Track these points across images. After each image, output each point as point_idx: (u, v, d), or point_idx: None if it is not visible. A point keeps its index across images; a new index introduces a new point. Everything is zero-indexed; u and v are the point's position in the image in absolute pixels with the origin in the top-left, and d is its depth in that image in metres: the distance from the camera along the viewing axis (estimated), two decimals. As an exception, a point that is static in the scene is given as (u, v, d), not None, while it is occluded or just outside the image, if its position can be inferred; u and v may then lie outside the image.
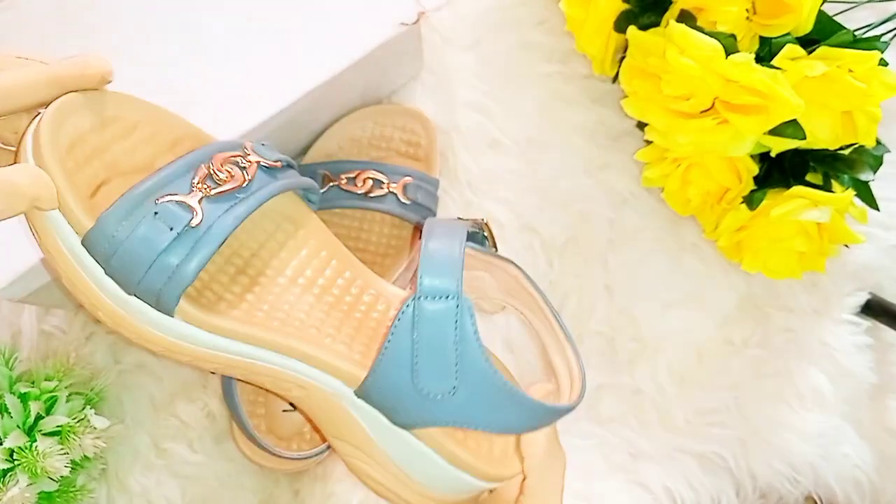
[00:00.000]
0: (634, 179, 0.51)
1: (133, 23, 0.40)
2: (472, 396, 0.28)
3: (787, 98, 0.38)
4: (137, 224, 0.26)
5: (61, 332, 0.47)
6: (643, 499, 0.49)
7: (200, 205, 0.27)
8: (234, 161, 0.29)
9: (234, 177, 0.29)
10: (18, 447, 0.38)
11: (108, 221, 0.26)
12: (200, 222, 0.27)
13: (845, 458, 0.50)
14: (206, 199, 0.28)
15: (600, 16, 0.46)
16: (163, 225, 0.26)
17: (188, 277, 0.27)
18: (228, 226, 0.27)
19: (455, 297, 0.28)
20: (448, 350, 0.28)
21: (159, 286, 0.27)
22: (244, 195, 0.29)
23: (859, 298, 0.51)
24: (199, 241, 0.27)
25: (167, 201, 0.27)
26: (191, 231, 0.27)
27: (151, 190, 0.27)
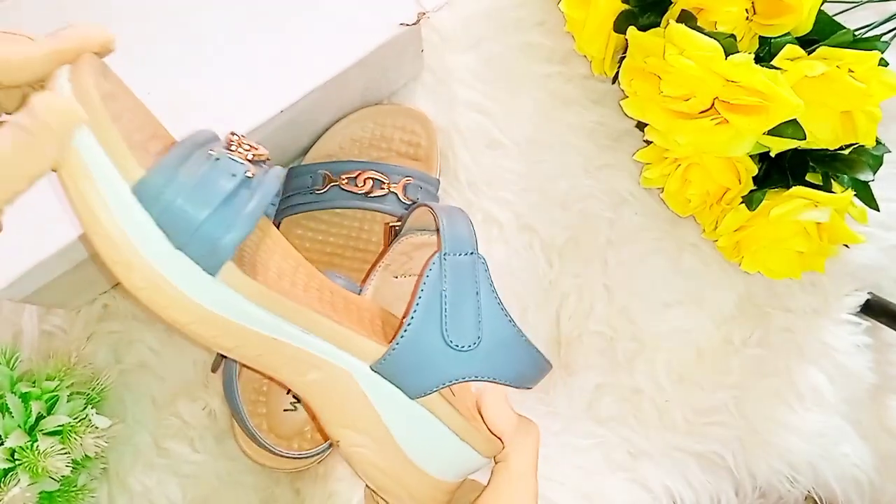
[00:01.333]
0: (634, 179, 0.51)
1: (133, 23, 0.40)
2: (492, 346, 0.31)
3: (787, 98, 0.38)
4: (199, 168, 0.26)
5: (62, 332, 0.47)
6: (643, 498, 0.49)
7: (247, 162, 0.28)
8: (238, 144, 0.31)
9: (259, 149, 0.30)
10: (20, 447, 0.38)
11: (168, 165, 0.26)
12: (253, 175, 0.27)
13: (845, 458, 0.51)
14: (248, 160, 0.28)
15: (600, 16, 0.46)
16: (224, 171, 0.26)
17: (248, 226, 0.26)
18: (274, 183, 0.28)
19: (474, 252, 0.32)
20: (470, 300, 0.31)
21: (219, 235, 0.26)
22: (267, 167, 0.30)
23: (859, 298, 0.51)
24: (256, 190, 0.27)
25: (225, 152, 0.27)
26: (248, 181, 0.27)
27: (202, 142, 0.27)
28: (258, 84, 0.39)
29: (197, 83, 0.39)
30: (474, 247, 0.32)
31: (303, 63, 0.40)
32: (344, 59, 0.40)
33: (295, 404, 0.44)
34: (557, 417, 0.49)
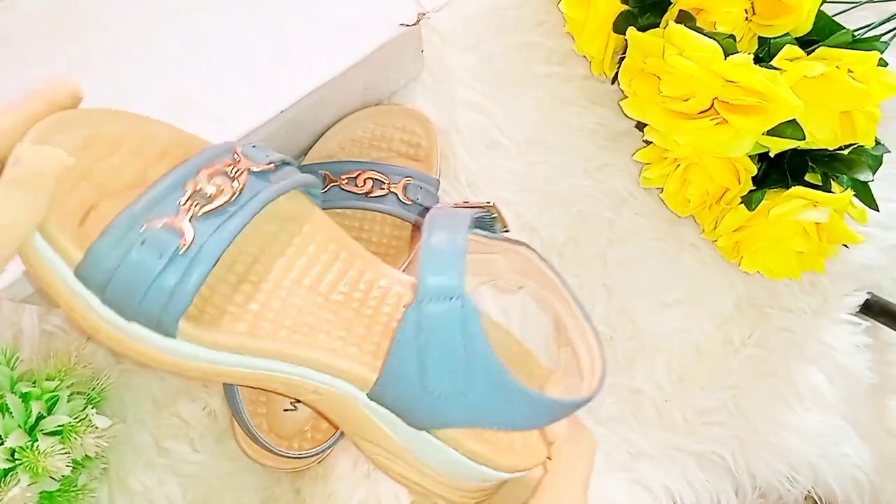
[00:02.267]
0: (634, 179, 0.51)
1: (133, 23, 0.40)
2: (483, 397, 0.28)
3: (786, 98, 0.38)
4: (127, 253, 0.26)
5: (63, 332, 0.47)
6: (643, 498, 0.49)
7: (192, 224, 0.26)
8: (223, 172, 0.28)
9: (223, 190, 0.28)
10: (20, 447, 0.38)
11: (98, 252, 0.26)
12: (191, 244, 0.26)
13: (844, 458, 0.51)
14: (196, 218, 0.27)
15: (600, 17, 0.46)
16: (153, 251, 0.26)
17: (185, 301, 0.26)
18: (222, 243, 0.27)
19: (458, 297, 0.27)
20: (456, 353, 0.27)
21: (157, 311, 0.26)
22: (236, 207, 0.28)
23: (858, 298, 0.51)
24: (191, 263, 0.26)
25: (155, 227, 0.26)
26: (177, 257, 0.26)
27: (138, 215, 0.26)
28: (258, 84, 0.39)
29: (197, 83, 0.39)
30: (461, 281, 0.27)
31: (303, 63, 0.40)
32: (344, 59, 0.40)
33: (295, 404, 0.44)
34: (557, 417, 0.49)
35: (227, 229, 0.27)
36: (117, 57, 0.39)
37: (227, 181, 0.28)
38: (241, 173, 0.29)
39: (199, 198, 0.27)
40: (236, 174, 0.29)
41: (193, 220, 0.27)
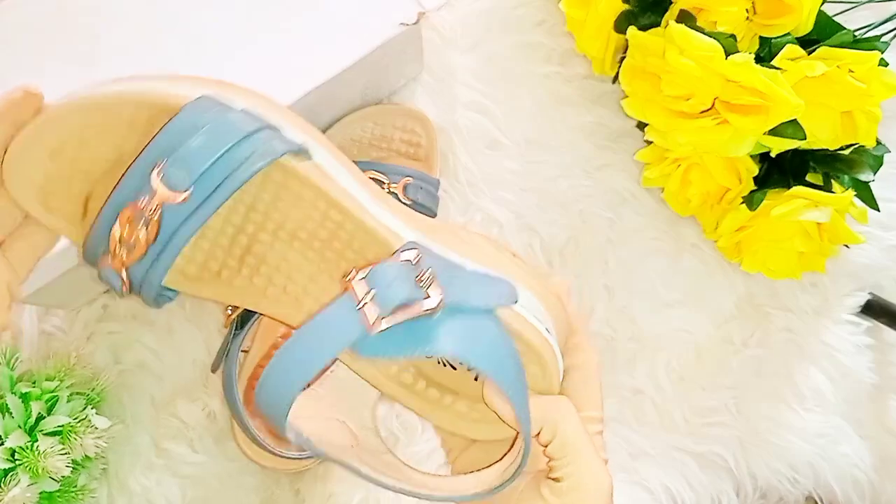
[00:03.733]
0: (634, 179, 0.51)
1: (133, 23, 0.40)
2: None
3: (787, 98, 0.38)
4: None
5: (62, 333, 0.47)
6: (643, 498, 0.49)
7: (126, 271, 0.28)
8: (140, 214, 0.28)
9: (138, 240, 0.28)
10: (20, 447, 0.38)
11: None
12: (130, 286, 0.28)
13: (845, 458, 0.51)
14: (127, 267, 0.28)
15: (600, 16, 0.46)
16: (112, 281, 0.29)
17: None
18: (154, 282, 0.28)
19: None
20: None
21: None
22: (160, 248, 0.28)
23: (859, 298, 0.51)
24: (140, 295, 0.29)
25: (104, 267, 0.28)
26: (127, 293, 0.29)
27: (93, 247, 0.29)
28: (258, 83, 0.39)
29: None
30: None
31: (303, 63, 0.40)
32: (344, 59, 0.40)
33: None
34: (557, 418, 0.49)
35: (155, 273, 0.28)
36: (117, 57, 0.39)
37: (143, 227, 0.28)
38: (156, 211, 0.28)
39: (123, 248, 0.28)
40: (150, 215, 0.28)
41: (127, 268, 0.28)
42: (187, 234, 0.28)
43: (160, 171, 0.27)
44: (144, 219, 0.27)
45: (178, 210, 0.27)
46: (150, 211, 0.27)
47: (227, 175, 0.27)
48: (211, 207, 0.28)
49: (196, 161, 0.27)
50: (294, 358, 0.27)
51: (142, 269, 0.28)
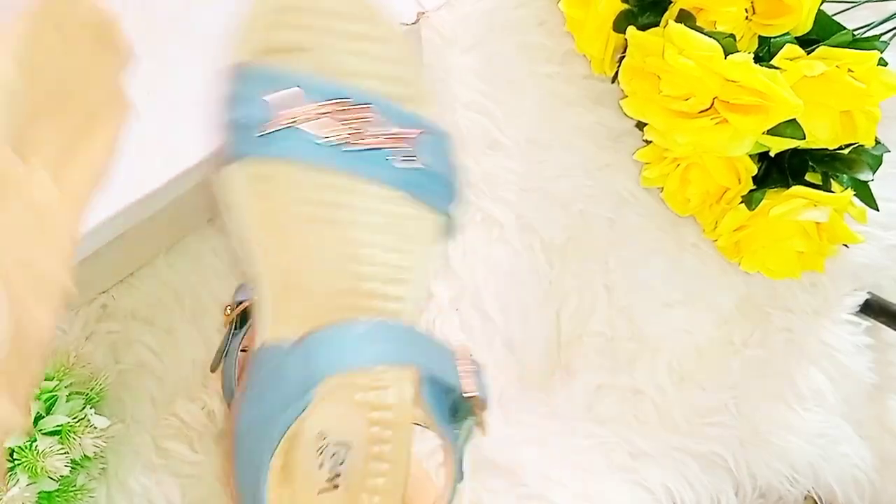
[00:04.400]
0: (634, 179, 0.51)
1: (133, 23, 0.40)
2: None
3: (786, 98, 0.38)
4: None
5: (61, 332, 0.47)
6: (643, 498, 0.49)
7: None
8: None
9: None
10: (18, 446, 0.38)
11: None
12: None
13: (845, 458, 0.50)
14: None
15: (600, 16, 0.46)
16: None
17: None
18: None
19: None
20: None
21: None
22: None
23: (858, 298, 0.51)
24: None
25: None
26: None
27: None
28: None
29: (196, 83, 0.39)
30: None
31: (303, 63, 0.40)
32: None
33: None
34: (558, 418, 0.49)
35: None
36: (117, 56, 0.39)
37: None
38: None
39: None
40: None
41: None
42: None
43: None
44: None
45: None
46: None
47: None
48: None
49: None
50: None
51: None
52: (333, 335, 0.30)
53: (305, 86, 0.31)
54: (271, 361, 0.31)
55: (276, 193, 0.33)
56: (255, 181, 0.32)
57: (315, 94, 0.31)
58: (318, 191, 0.33)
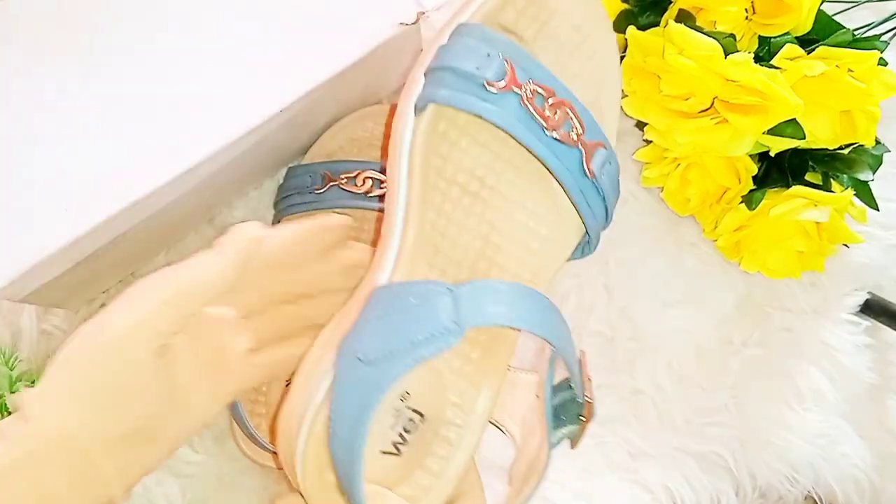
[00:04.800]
0: (634, 179, 0.51)
1: (133, 23, 0.40)
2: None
3: (786, 98, 0.38)
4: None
5: (61, 332, 0.47)
6: (643, 498, 0.49)
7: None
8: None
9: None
10: (19, 446, 0.38)
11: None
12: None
13: (845, 458, 0.50)
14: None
15: (600, 16, 0.46)
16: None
17: None
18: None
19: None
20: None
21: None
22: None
23: (858, 298, 0.51)
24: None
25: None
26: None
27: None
28: (257, 83, 0.39)
29: (196, 82, 0.39)
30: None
31: (303, 63, 0.40)
32: (343, 59, 0.40)
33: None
34: (557, 417, 0.49)
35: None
36: (117, 57, 0.39)
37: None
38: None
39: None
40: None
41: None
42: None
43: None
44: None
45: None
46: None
47: None
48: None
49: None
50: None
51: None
52: (488, 287, 0.31)
53: (532, 68, 0.33)
54: (410, 297, 0.31)
55: (453, 156, 0.34)
56: (440, 135, 0.34)
57: (538, 77, 0.33)
58: (488, 171, 0.35)
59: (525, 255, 0.35)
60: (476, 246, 0.34)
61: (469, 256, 0.34)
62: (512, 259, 0.35)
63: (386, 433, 0.33)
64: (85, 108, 0.38)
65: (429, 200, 0.34)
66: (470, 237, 0.34)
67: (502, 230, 0.35)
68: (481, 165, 0.35)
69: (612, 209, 0.36)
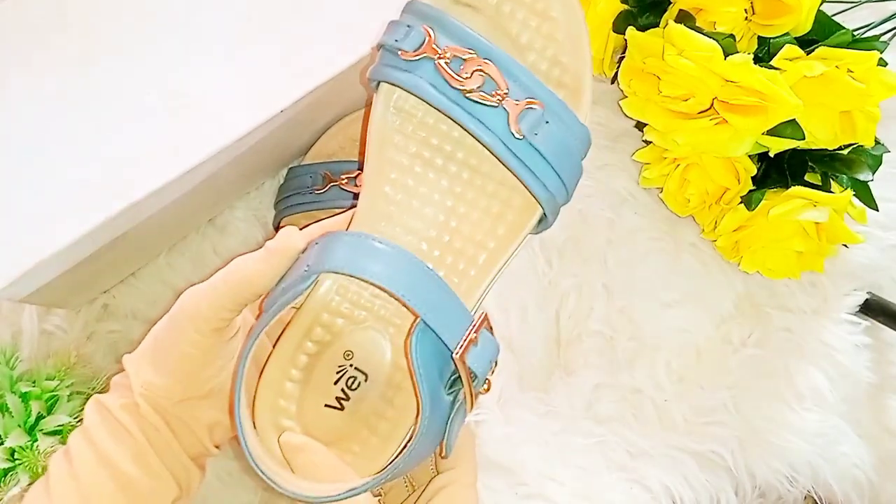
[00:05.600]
0: (633, 179, 0.51)
1: (133, 23, 0.40)
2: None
3: (786, 98, 0.38)
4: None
5: (62, 332, 0.47)
6: (642, 498, 0.49)
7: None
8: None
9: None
10: (20, 446, 0.38)
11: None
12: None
13: (844, 458, 0.51)
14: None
15: (599, 16, 0.46)
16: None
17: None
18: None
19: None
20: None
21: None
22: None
23: (858, 298, 0.51)
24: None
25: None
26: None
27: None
28: (258, 83, 0.39)
29: (196, 82, 0.39)
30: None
31: (303, 63, 0.40)
32: (343, 59, 0.40)
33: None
34: (557, 417, 0.49)
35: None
36: (117, 57, 0.39)
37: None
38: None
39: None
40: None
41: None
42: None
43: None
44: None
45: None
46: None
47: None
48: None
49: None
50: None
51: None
52: (354, 240, 0.31)
53: (462, 36, 0.32)
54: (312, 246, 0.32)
55: (407, 128, 0.34)
56: (393, 111, 0.34)
57: (460, 42, 0.32)
58: (442, 138, 0.34)
59: (467, 247, 0.34)
60: (439, 219, 0.34)
61: (429, 228, 0.34)
62: (476, 232, 0.34)
63: (329, 388, 0.34)
64: (85, 108, 0.38)
65: (384, 175, 0.34)
66: (432, 210, 0.34)
67: (451, 213, 0.34)
68: (440, 137, 0.35)
69: (567, 174, 0.33)
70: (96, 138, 0.38)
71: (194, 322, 0.32)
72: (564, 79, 0.33)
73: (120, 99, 0.38)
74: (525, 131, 0.31)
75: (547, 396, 0.49)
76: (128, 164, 0.38)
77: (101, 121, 0.38)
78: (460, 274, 0.34)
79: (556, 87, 0.33)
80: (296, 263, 0.32)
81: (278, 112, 0.39)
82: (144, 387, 0.32)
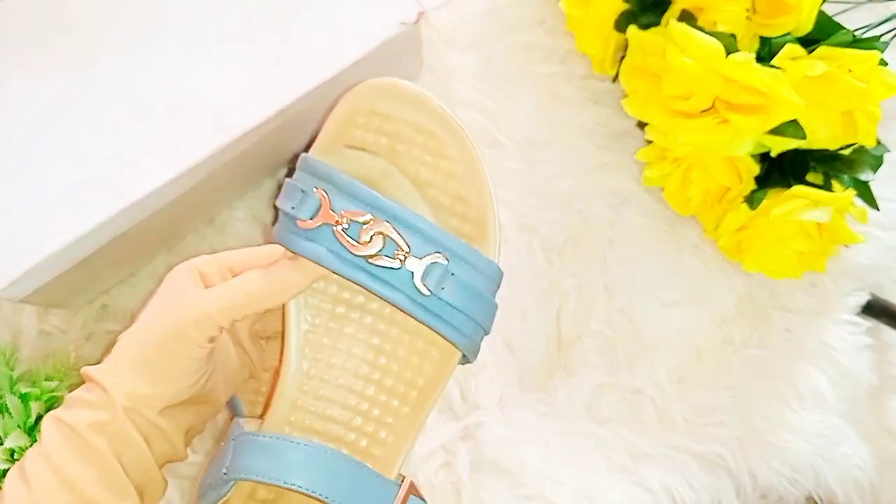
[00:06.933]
0: (634, 179, 0.51)
1: (133, 23, 0.40)
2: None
3: (788, 98, 0.38)
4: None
5: (62, 332, 0.47)
6: (643, 498, 0.49)
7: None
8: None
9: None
10: (19, 447, 0.38)
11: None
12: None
13: (845, 459, 0.50)
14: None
15: (600, 15, 0.46)
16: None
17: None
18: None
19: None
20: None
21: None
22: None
23: (859, 298, 0.51)
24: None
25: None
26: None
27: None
28: (258, 84, 0.39)
29: (196, 82, 0.39)
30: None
31: (303, 63, 0.40)
32: (343, 59, 0.40)
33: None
34: (557, 417, 0.49)
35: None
36: (117, 57, 0.39)
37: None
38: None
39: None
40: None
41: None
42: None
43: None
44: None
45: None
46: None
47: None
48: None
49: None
50: None
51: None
52: (270, 444, 0.32)
53: (357, 193, 0.32)
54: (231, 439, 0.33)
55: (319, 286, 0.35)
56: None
57: (356, 203, 0.32)
58: (353, 293, 0.35)
59: (384, 411, 0.35)
60: (341, 396, 0.35)
61: (330, 407, 0.35)
62: (399, 382, 0.35)
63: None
64: (85, 108, 0.38)
65: (309, 340, 0.35)
66: (337, 385, 0.35)
67: (366, 376, 0.35)
68: (343, 301, 0.35)
69: (481, 315, 0.33)
70: (96, 138, 0.38)
71: (203, 329, 0.31)
72: (469, 213, 0.33)
73: (120, 99, 0.38)
74: (432, 287, 0.31)
75: (547, 397, 0.49)
76: (128, 163, 0.37)
77: (101, 121, 0.38)
78: (381, 443, 0.34)
79: (462, 221, 0.33)
80: (216, 458, 0.33)
81: (278, 112, 0.39)
82: (128, 397, 0.31)
